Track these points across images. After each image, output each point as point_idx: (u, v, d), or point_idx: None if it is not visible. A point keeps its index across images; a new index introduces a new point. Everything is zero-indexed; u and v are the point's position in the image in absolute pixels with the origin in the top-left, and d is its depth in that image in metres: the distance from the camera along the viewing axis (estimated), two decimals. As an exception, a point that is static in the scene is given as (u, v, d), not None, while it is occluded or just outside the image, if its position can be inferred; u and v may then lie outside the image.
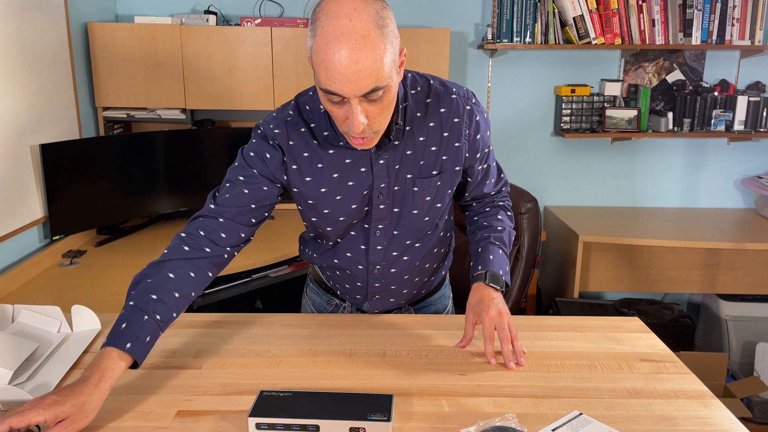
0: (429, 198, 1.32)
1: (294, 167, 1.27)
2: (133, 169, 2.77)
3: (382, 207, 1.31)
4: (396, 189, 1.30)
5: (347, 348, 1.33)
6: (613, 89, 3.27)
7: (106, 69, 2.84)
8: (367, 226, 1.34)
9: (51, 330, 1.37)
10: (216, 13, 2.99)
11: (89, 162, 2.58)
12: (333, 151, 1.26)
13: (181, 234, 1.25)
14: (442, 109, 1.28)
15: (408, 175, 1.29)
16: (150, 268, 1.20)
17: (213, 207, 1.27)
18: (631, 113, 3.21)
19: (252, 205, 1.27)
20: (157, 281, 1.17)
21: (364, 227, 1.34)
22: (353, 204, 1.29)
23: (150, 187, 2.84)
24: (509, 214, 1.49)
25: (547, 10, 3.06)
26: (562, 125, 3.27)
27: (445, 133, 1.28)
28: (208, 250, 1.24)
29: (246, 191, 1.27)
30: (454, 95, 1.29)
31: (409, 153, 1.27)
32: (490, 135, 1.39)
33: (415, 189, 1.30)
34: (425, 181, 1.30)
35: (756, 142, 3.41)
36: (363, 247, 1.36)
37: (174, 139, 2.89)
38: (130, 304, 1.14)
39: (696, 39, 3.09)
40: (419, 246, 1.40)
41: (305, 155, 1.26)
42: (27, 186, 2.33)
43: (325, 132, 1.25)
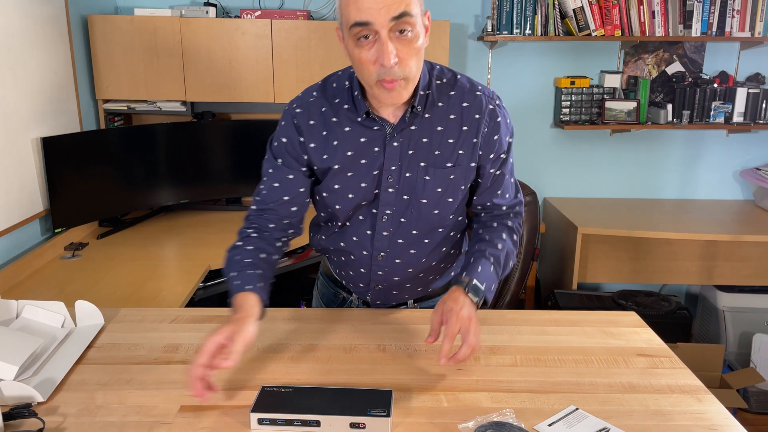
0: (440, 189, 1.32)
1: (312, 145, 1.32)
2: (134, 162, 2.79)
3: (391, 191, 1.32)
4: (407, 175, 1.31)
5: (347, 343, 1.34)
6: (613, 81, 3.27)
7: (106, 61, 2.84)
8: (375, 210, 1.35)
9: (55, 325, 1.38)
10: (216, 5, 2.98)
11: (90, 155, 2.59)
12: (349, 129, 1.29)
13: (239, 230, 1.37)
14: (464, 104, 1.29)
15: (421, 163, 1.30)
16: (228, 251, 1.32)
17: (255, 208, 1.37)
18: (631, 105, 3.22)
19: (285, 197, 1.35)
20: (239, 253, 1.29)
21: (372, 212, 1.36)
22: (363, 183, 1.31)
23: (151, 180, 2.86)
24: (515, 238, 1.40)
25: (547, 1, 3.05)
26: (561, 117, 3.27)
27: (465, 127, 1.29)
28: (267, 233, 1.35)
29: (276, 184, 1.34)
30: (478, 92, 1.30)
31: (425, 141, 1.29)
32: (510, 145, 1.36)
33: (427, 178, 1.31)
34: (438, 172, 1.30)
35: (755, 133, 3.41)
36: (369, 232, 1.38)
37: (174, 132, 2.90)
38: (232, 274, 1.25)
39: (696, 31, 3.09)
40: (427, 242, 1.39)
41: (324, 134, 1.31)
42: (28, 179, 2.35)
43: (346, 105, 1.29)
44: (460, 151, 1.30)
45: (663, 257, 3.12)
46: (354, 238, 1.40)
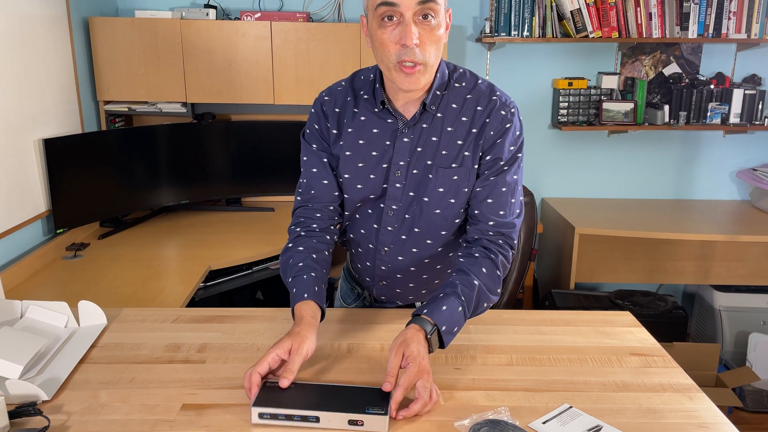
0: (442, 189, 1.34)
1: (334, 131, 1.37)
2: (135, 163, 2.81)
3: (398, 186, 1.35)
4: (414, 172, 1.34)
5: (347, 342, 1.37)
6: (610, 82, 3.29)
7: (107, 63, 2.87)
8: (383, 205, 1.39)
9: (59, 325, 1.41)
10: (216, 7, 3.00)
11: (91, 156, 2.62)
12: (364, 118, 1.34)
13: (289, 229, 1.43)
14: (478, 107, 1.32)
15: (428, 162, 1.33)
16: (282, 254, 1.38)
17: (299, 199, 1.43)
18: (628, 106, 3.24)
19: (324, 181, 1.39)
20: (291, 256, 1.34)
21: (379, 206, 1.39)
22: (372, 174, 1.35)
23: (152, 180, 2.88)
24: (498, 273, 1.29)
25: (545, 3, 3.07)
26: (559, 118, 3.29)
27: (474, 130, 1.31)
28: (314, 226, 1.40)
29: (314, 170, 1.40)
30: (495, 97, 1.32)
31: (434, 139, 1.32)
32: (514, 157, 1.33)
33: (431, 176, 1.33)
34: (441, 171, 1.33)
35: (751, 134, 3.44)
36: (375, 226, 1.41)
37: (175, 133, 2.92)
38: (288, 280, 1.30)
39: (692, 32, 3.11)
40: (430, 242, 1.41)
41: (344, 121, 1.36)
42: (30, 180, 2.37)
43: (366, 96, 1.35)
44: (466, 153, 1.32)
45: (660, 257, 3.14)
46: (362, 230, 1.44)
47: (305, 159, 1.41)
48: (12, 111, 2.24)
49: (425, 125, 1.32)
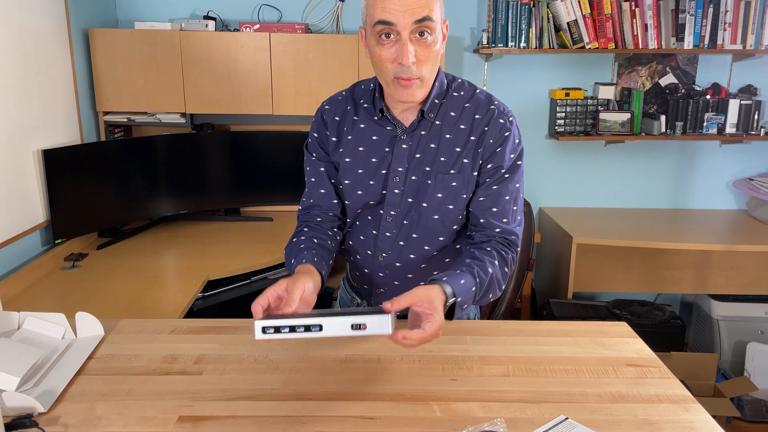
0: (440, 195, 1.36)
1: (333, 139, 1.40)
2: (134, 173, 2.82)
3: (396, 192, 1.37)
4: (413, 178, 1.36)
5: (343, 353, 1.37)
6: (607, 93, 3.31)
7: (106, 74, 2.88)
8: (382, 211, 1.41)
9: (56, 336, 1.41)
10: (215, 19, 3.02)
11: (90, 166, 2.63)
12: (364, 126, 1.37)
13: (293, 233, 1.46)
14: (476, 116, 1.34)
15: (426, 168, 1.35)
16: (285, 249, 1.41)
17: (301, 208, 1.49)
18: (625, 116, 3.26)
19: (322, 190, 1.45)
20: (295, 245, 1.38)
21: (378, 212, 1.41)
22: (371, 180, 1.38)
23: (150, 191, 2.88)
24: (506, 270, 1.34)
25: (542, 15, 3.09)
26: (556, 128, 3.31)
27: (472, 137, 1.34)
28: (318, 220, 1.44)
29: (314, 179, 1.45)
30: (493, 106, 1.35)
31: (433, 146, 1.34)
32: (514, 165, 1.36)
33: (429, 182, 1.35)
34: (440, 177, 1.35)
35: (747, 144, 3.45)
36: (374, 232, 1.43)
37: (174, 143, 2.93)
38: (291, 261, 1.32)
39: (688, 43, 3.13)
40: (428, 248, 1.42)
41: (344, 129, 1.39)
42: (29, 191, 2.37)
43: (366, 104, 1.37)
44: (464, 160, 1.34)
45: (657, 267, 3.15)
46: (361, 236, 1.46)
47: (307, 169, 1.47)
48: (11, 121, 2.25)
49: (424, 132, 1.34)
